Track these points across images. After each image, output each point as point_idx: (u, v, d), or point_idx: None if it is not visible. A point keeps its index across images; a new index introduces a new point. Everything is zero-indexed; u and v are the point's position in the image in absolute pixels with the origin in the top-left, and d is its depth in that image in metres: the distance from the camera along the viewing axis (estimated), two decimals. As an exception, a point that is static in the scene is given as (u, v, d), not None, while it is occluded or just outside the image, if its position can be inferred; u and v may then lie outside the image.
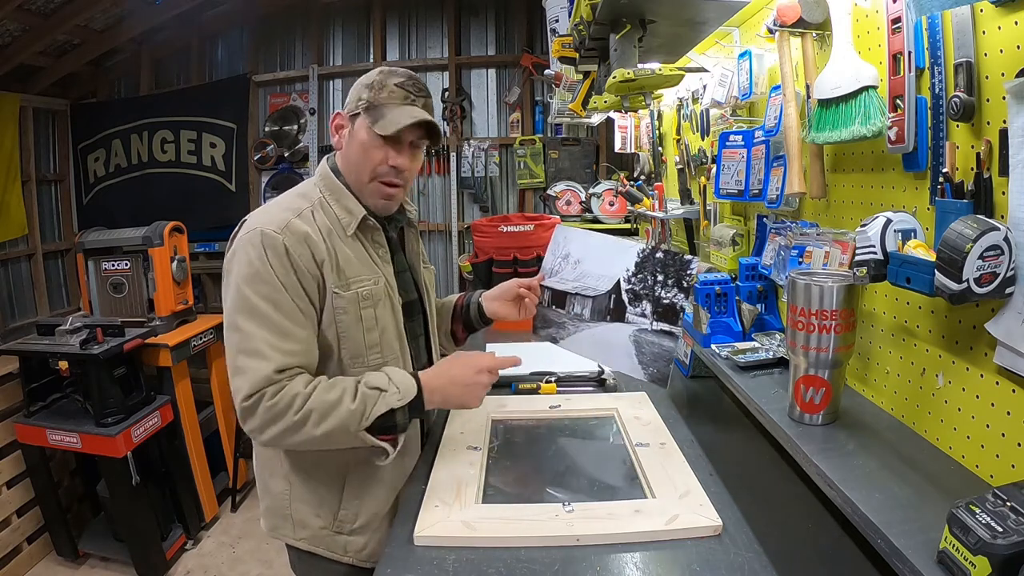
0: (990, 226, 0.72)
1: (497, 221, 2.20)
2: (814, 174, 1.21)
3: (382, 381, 1.06)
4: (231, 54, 4.07)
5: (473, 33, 3.94)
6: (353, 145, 1.14)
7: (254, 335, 1.02)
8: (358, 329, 1.12)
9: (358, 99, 1.13)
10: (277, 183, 3.96)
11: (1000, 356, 0.79)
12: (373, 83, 1.13)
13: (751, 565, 0.87)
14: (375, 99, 1.11)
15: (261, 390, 1.00)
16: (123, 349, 2.53)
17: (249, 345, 1.02)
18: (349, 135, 1.15)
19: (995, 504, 0.64)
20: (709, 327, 1.46)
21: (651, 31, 1.29)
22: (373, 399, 1.03)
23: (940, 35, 0.87)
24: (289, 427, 1.00)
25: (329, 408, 1.01)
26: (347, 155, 1.16)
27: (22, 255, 3.76)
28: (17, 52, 3.34)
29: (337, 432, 1.02)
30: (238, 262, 1.06)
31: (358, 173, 1.14)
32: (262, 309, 1.03)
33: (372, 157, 1.12)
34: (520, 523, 0.96)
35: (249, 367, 1.01)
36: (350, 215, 1.13)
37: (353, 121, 1.14)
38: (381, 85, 1.12)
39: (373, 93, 1.12)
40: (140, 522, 2.62)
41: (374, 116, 1.11)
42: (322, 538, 1.17)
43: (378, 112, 1.11)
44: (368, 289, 1.12)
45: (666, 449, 1.20)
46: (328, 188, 1.16)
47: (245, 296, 1.04)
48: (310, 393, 1.01)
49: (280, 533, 1.20)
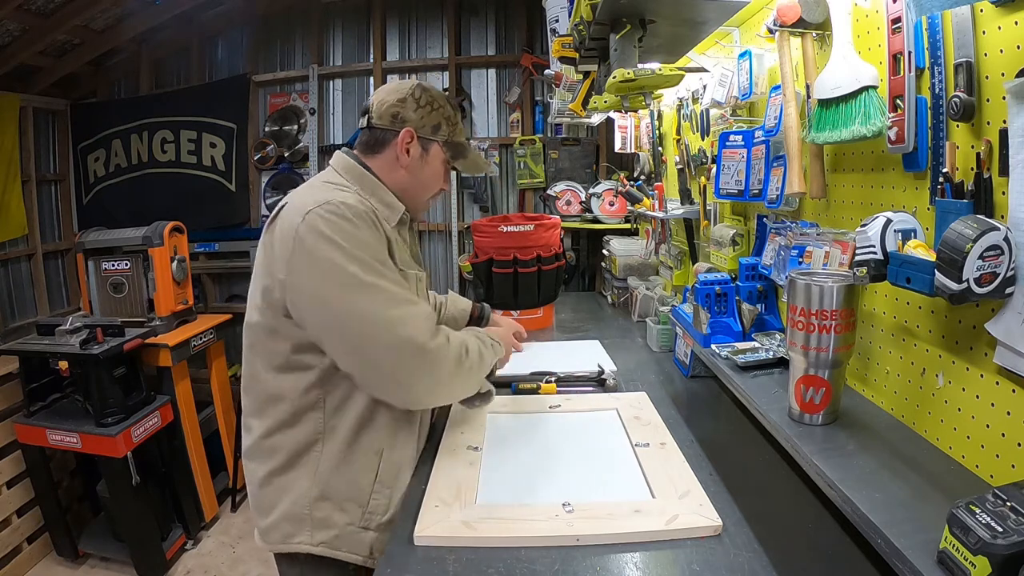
0: (990, 226, 0.72)
1: (497, 221, 2.19)
2: (814, 174, 1.21)
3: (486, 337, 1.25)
4: (231, 54, 4.06)
5: (473, 33, 3.93)
6: (427, 170, 1.26)
7: (387, 288, 1.06)
8: None
9: (436, 126, 1.24)
10: (277, 183, 3.96)
11: (1000, 356, 0.79)
12: (450, 117, 1.26)
13: (751, 565, 0.87)
14: (454, 136, 1.27)
15: (433, 328, 1.08)
16: (123, 349, 2.53)
17: (394, 295, 1.06)
18: (420, 157, 1.24)
19: (995, 504, 0.64)
20: (709, 327, 1.46)
21: (651, 31, 1.29)
22: (489, 345, 1.23)
23: (940, 35, 0.87)
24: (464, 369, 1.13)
25: (478, 356, 1.18)
26: (416, 174, 1.25)
27: (22, 255, 3.76)
28: (17, 52, 3.34)
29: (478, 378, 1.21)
30: (321, 233, 1.04)
31: (425, 192, 1.28)
32: (379, 268, 1.07)
33: (440, 182, 1.30)
34: (520, 523, 0.96)
35: (410, 313, 1.06)
36: (389, 209, 1.20)
37: (426, 145, 1.24)
38: (455, 123, 1.27)
39: (451, 129, 1.26)
40: (140, 522, 2.62)
41: (454, 152, 1.28)
42: (344, 537, 1.13)
43: (457, 150, 1.29)
44: (415, 274, 1.22)
45: (666, 449, 1.20)
46: (358, 182, 1.20)
47: (356, 258, 1.04)
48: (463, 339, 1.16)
49: (294, 541, 1.13)
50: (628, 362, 1.81)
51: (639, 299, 2.32)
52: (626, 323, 2.34)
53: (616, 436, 1.29)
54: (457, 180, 3.87)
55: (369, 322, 1.03)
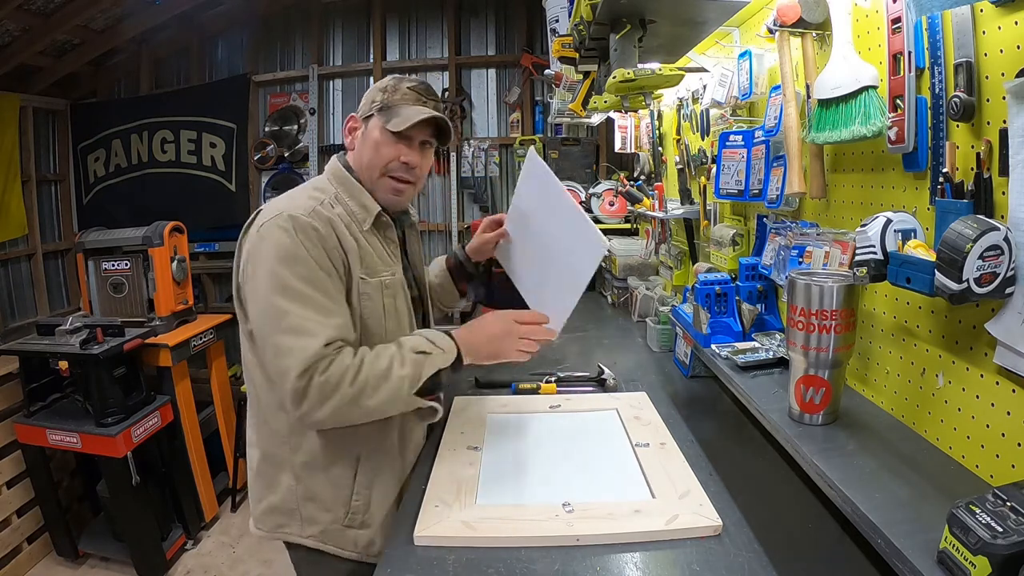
0: (990, 226, 0.72)
1: (497, 221, 2.19)
2: (814, 174, 1.21)
3: (423, 344, 1.10)
4: (231, 54, 4.07)
5: (473, 33, 3.93)
6: (367, 144, 1.20)
7: (296, 314, 1.03)
8: (380, 316, 1.16)
9: (371, 101, 1.20)
10: (277, 183, 3.96)
11: (1000, 356, 0.79)
12: (387, 87, 1.21)
13: (751, 565, 0.87)
14: (388, 100, 1.19)
15: (312, 366, 1.01)
16: (123, 349, 2.53)
17: (291, 323, 1.03)
18: (362, 136, 1.21)
19: (995, 504, 0.64)
20: (709, 327, 1.46)
21: (651, 31, 1.29)
22: (421, 362, 1.08)
23: (940, 35, 0.87)
24: (346, 400, 1.02)
25: (382, 376, 1.04)
26: (360, 154, 1.21)
27: (22, 255, 3.77)
28: (17, 52, 3.35)
29: (391, 400, 1.06)
30: (268, 247, 1.06)
31: (370, 170, 1.20)
32: (300, 288, 1.04)
33: (384, 154, 1.18)
34: (520, 523, 0.96)
35: (296, 346, 1.02)
36: (365, 211, 1.18)
37: (366, 123, 1.21)
38: (395, 88, 1.20)
39: (387, 95, 1.19)
40: (140, 522, 2.62)
41: (387, 115, 1.17)
42: (331, 533, 1.17)
43: (391, 112, 1.18)
44: (388, 279, 1.18)
45: (666, 449, 1.20)
46: (341, 184, 1.20)
47: (282, 277, 1.04)
48: (359, 364, 1.04)
49: (285, 531, 1.19)
50: (628, 362, 1.81)
51: (639, 299, 2.32)
52: (626, 323, 2.34)
53: (616, 436, 1.29)
54: (457, 180, 3.87)
55: (265, 344, 1.06)
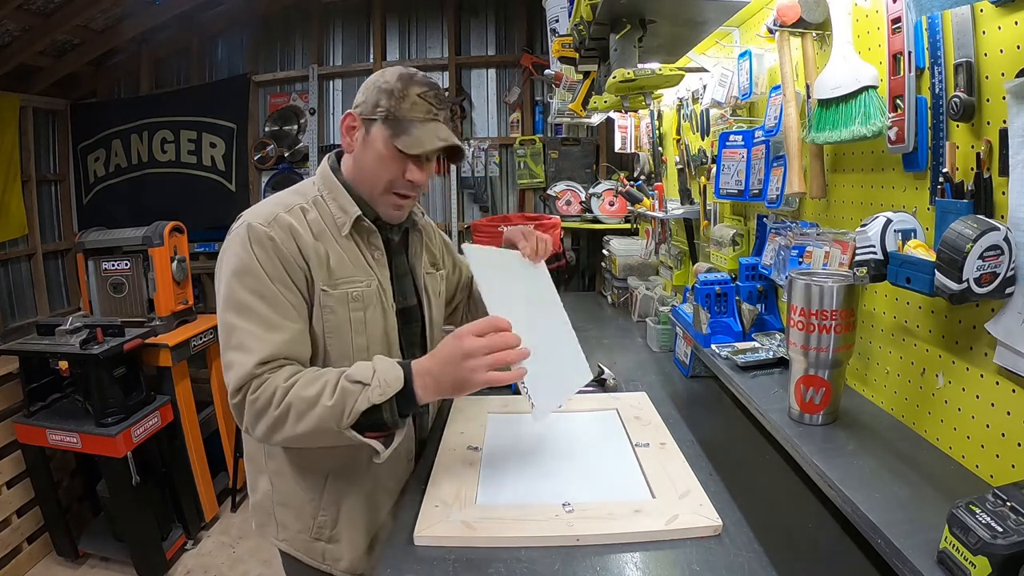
0: (990, 226, 0.72)
1: (497, 221, 2.20)
2: (814, 174, 1.21)
3: (365, 374, 0.96)
4: (231, 54, 4.07)
5: (473, 33, 3.93)
6: (369, 154, 1.09)
7: (240, 329, 1.01)
8: (346, 331, 1.09)
9: (375, 104, 1.07)
10: (277, 183, 3.96)
11: (1000, 356, 0.79)
12: (394, 91, 1.06)
13: (751, 565, 0.87)
14: (396, 110, 1.05)
15: (245, 385, 0.99)
16: (123, 349, 2.53)
17: (235, 340, 1.01)
18: (363, 141, 1.10)
19: (995, 504, 0.64)
20: (709, 327, 1.46)
21: (651, 31, 1.29)
22: (354, 395, 0.95)
23: (940, 35, 0.87)
24: (273, 423, 0.97)
25: (307, 406, 0.95)
26: (360, 161, 1.12)
27: (22, 255, 3.76)
28: (17, 52, 3.34)
29: (318, 430, 0.96)
30: (227, 258, 1.06)
31: (372, 183, 1.11)
32: (248, 302, 1.01)
33: (390, 169, 1.09)
34: (520, 523, 0.96)
35: (235, 362, 1.00)
36: (345, 214, 1.11)
37: (367, 126, 1.09)
38: (403, 95, 1.06)
39: (394, 103, 1.06)
40: (140, 522, 2.62)
41: (395, 130, 1.06)
42: (301, 542, 1.16)
43: (400, 127, 1.06)
44: (359, 291, 1.10)
45: (666, 449, 1.20)
46: (326, 186, 1.14)
47: (232, 290, 1.03)
48: (289, 387, 0.97)
49: (265, 532, 1.20)
50: (628, 362, 1.81)
51: (639, 299, 2.32)
52: (626, 323, 2.34)
53: (616, 436, 1.29)
54: (457, 180, 3.87)
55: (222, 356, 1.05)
